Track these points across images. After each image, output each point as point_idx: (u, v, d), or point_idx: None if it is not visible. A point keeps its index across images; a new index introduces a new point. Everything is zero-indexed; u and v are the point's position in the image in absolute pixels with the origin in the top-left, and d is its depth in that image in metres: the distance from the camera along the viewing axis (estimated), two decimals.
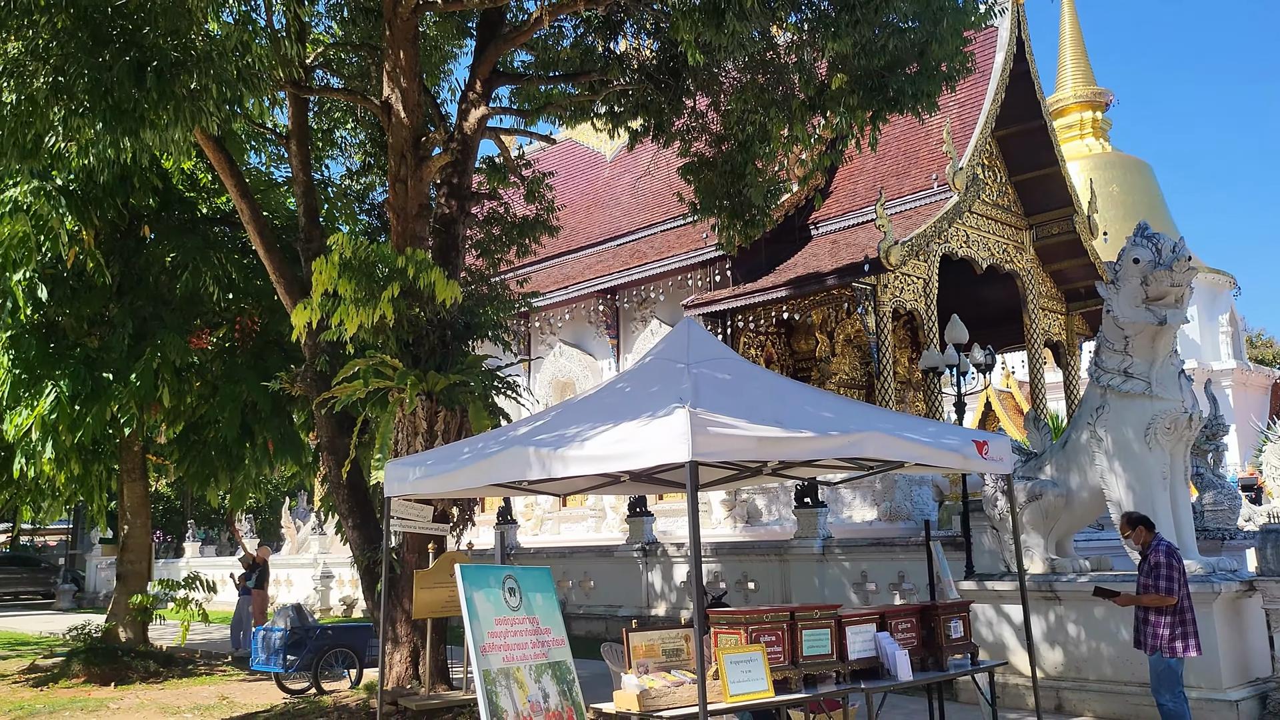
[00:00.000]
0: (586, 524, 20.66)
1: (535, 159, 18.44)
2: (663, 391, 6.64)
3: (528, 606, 5.83)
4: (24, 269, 13.32)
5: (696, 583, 5.69)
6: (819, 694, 6.34)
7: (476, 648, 5.36)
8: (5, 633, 22.71)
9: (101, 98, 7.73)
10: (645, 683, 5.72)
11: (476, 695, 9.28)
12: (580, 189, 26.13)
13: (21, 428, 13.54)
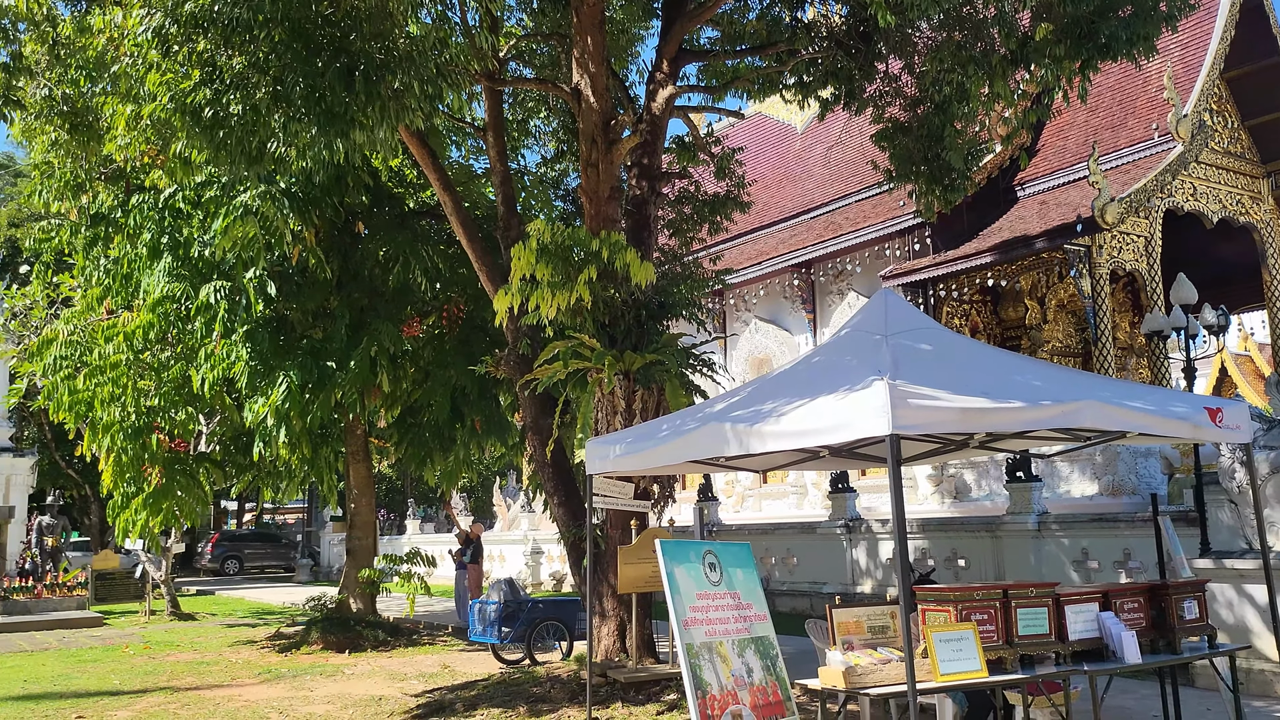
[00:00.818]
0: (788, 500, 20.52)
1: (724, 135, 18.36)
2: (860, 364, 6.47)
3: (728, 581, 5.82)
4: (255, 268, 14.36)
5: (902, 559, 5.53)
6: (1037, 675, 6.04)
7: (679, 622, 5.41)
8: (253, 602, 24.79)
9: (315, 103, 8.22)
10: (851, 659, 5.61)
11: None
12: (771, 163, 25.84)
13: (259, 414, 14.63)
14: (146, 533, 15.71)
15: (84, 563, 26.66)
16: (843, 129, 18.15)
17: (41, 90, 11.45)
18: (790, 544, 17.08)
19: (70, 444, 26.95)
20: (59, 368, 16.03)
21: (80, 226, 16.30)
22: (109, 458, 15.42)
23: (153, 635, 17.46)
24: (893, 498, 5.46)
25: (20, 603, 20.06)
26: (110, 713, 10.13)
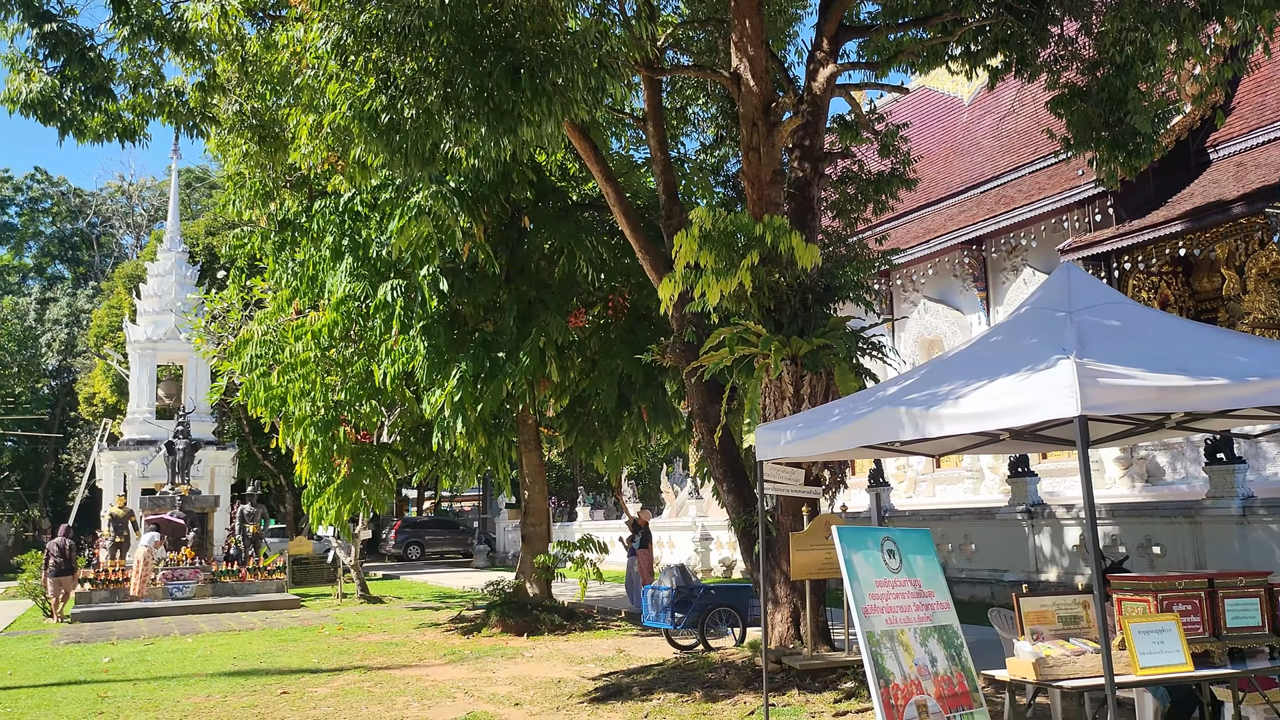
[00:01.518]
0: (963, 485, 19.89)
1: (887, 111, 17.87)
2: (1042, 343, 6.18)
3: (908, 569, 5.68)
4: (429, 265, 14.92)
5: (1094, 546, 5.26)
6: (1249, 670, 5.64)
7: (858, 609, 5.31)
8: (435, 587, 25.86)
9: (484, 102, 8.45)
10: (1041, 650, 5.38)
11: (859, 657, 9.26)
12: (937, 137, 25.03)
13: (436, 405, 15.20)
14: (338, 520, 16.62)
15: (281, 548, 28.41)
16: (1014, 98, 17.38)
17: (233, 106, 12.20)
18: (968, 530, 16.54)
19: (266, 437, 28.82)
20: (255, 366, 17.11)
21: (269, 232, 17.28)
22: (302, 449, 16.35)
23: (345, 617, 18.46)
24: (1083, 482, 5.20)
25: (227, 585, 21.58)
26: (311, 689, 10.75)
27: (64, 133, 10.78)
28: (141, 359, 29.60)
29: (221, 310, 25.21)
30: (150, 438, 28.04)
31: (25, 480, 43.83)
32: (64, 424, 45.05)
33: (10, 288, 53.59)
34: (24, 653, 14.69)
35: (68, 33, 10.30)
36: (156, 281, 30.63)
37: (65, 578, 20.07)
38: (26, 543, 39.93)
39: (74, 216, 57.03)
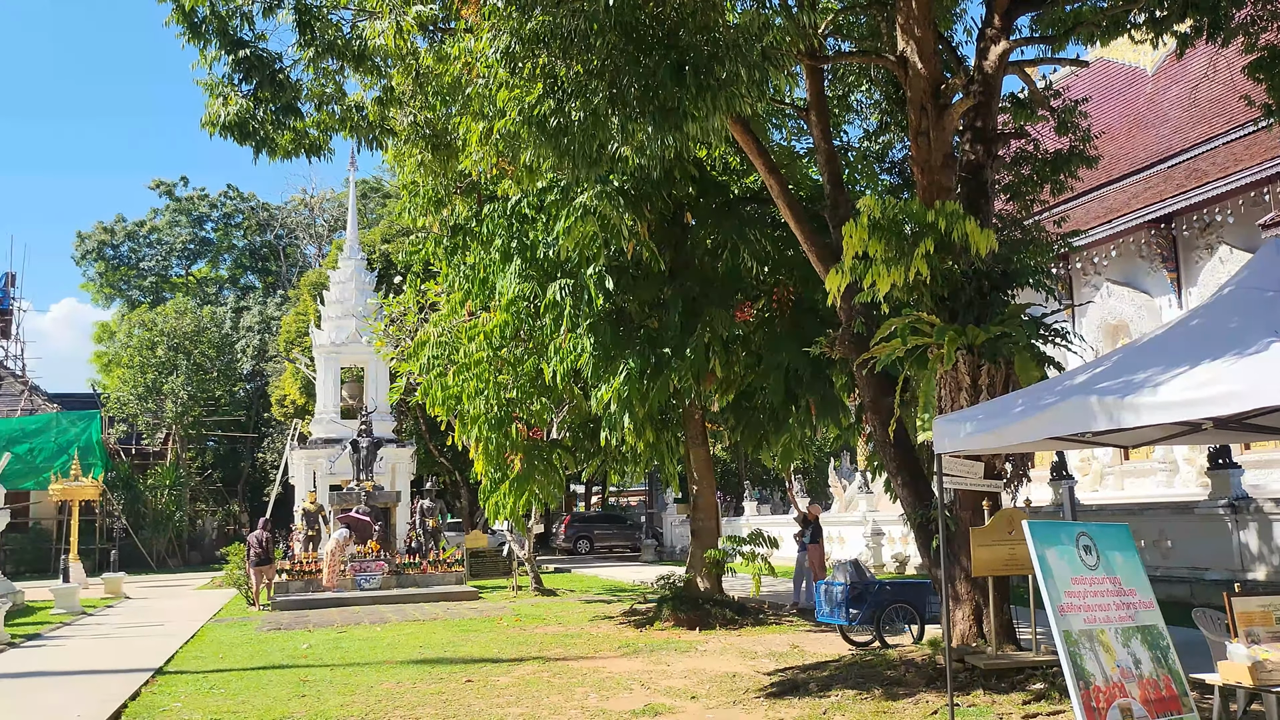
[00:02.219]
0: (1155, 478, 18.81)
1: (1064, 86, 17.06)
2: (1247, 325, 5.79)
3: (1106, 566, 5.41)
4: (595, 264, 15.16)
5: None
6: None
7: (1054, 607, 5.09)
8: (606, 580, 26.30)
9: (649, 101, 8.53)
10: (1258, 653, 5.03)
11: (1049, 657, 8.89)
12: (1118, 111, 23.72)
13: (603, 402, 15.45)
14: (513, 514, 17.12)
15: (458, 542, 29.46)
16: (1208, 64, 16.27)
17: (408, 117, 12.73)
18: (1163, 525, 15.63)
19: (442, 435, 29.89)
20: (431, 367, 17.81)
21: (442, 238, 17.93)
22: (478, 446, 16.91)
23: (521, 609, 19.00)
24: None
25: (410, 577, 22.56)
26: (493, 678, 11.11)
27: (258, 151, 11.49)
28: (326, 362, 31.23)
29: (398, 314, 26.37)
30: (336, 437, 29.55)
31: (226, 477, 46.99)
32: (258, 424, 48.02)
33: (209, 298, 57.50)
34: (232, 638, 15.76)
35: (259, 57, 10.97)
36: (338, 288, 32.25)
37: (264, 568, 21.41)
38: (229, 536, 42.83)
39: (262, 229, 60.70)
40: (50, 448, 36.17)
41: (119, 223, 59.21)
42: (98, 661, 13.52)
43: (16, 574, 30.96)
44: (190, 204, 59.95)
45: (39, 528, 38.41)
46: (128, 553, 35.30)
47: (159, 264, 59.43)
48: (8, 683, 11.97)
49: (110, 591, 25.29)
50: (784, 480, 33.11)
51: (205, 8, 10.76)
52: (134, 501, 39.21)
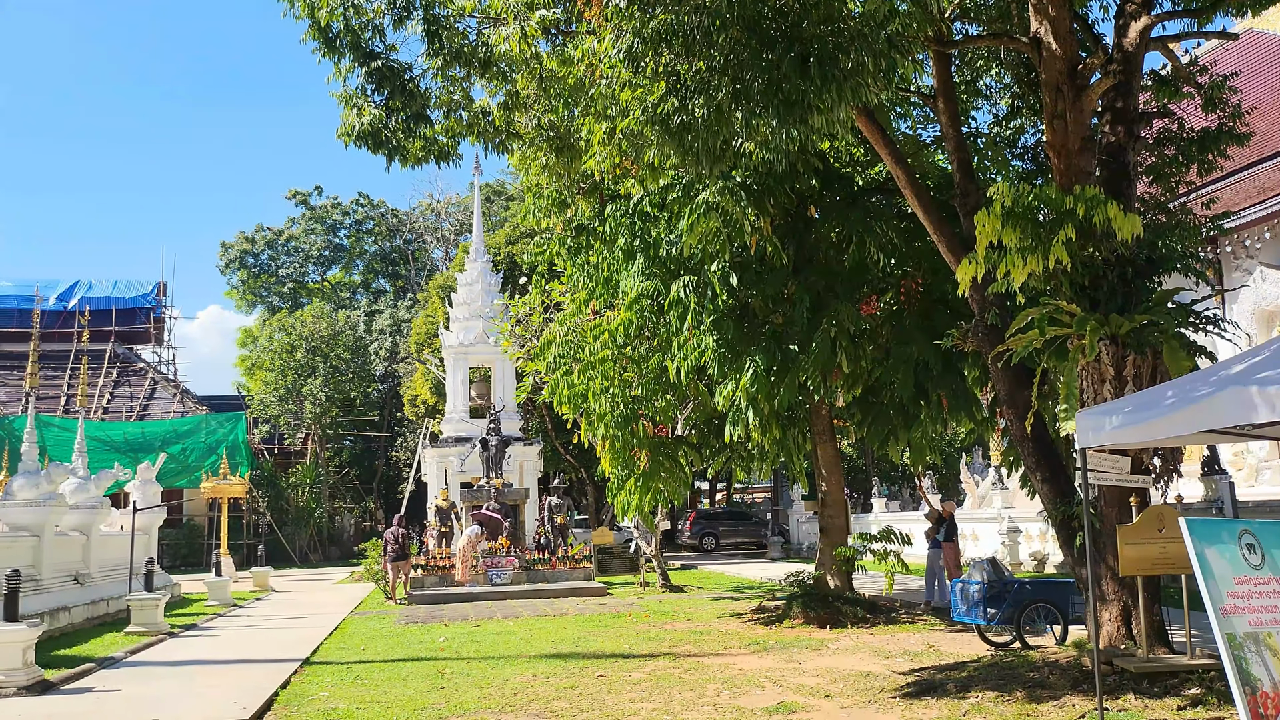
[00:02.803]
0: None
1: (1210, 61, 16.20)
2: None
3: (1273, 565, 5.11)
4: (718, 261, 15.13)
5: None
6: None
7: (1215, 609, 4.83)
8: (733, 577, 26.24)
9: (773, 95, 8.46)
10: None
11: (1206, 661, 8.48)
12: (1270, 85, 22.42)
13: (728, 398, 15.39)
14: (639, 511, 17.23)
15: (585, 538, 29.86)
16: None
17: (532, 121, 12.95)
18: None
19: (567, 433, 30.39)
20: (558, 365, 18.08)
21: (565, 238, 18.17)
22: (604, 444, 17.09)
23: (650, 605, 19.11)
24: None
25: (539, 572, 22.95)
26: (625, 673, 11.21)
27: (390, 159, 11.86)
28: (455, 362, 32.03)
29: (524, 314, 26.88)
30: (466, 435, 30.29)
31: (361, 475, 48.71)
32: (391, 424, 49.63)
33: (343, 302, 59.70)
34: (373, 630, 16.32)
35: (390, 68, 11.32)
36: (465, 290, 33.03)
37: (400, 563, 22.10)
38: (365, 531, 44.37)
39: (392, 235, 62.69)
40: (200, 448, 38.16)
41: (259, 232, 61.99)
42: (249, 651, 14.19)
43: (172, 567, 32.72)
44: (324, 212, 62.34)
45: (192, 523, 40.54)
46: (272, 547, 36.93)
47: (296, 270, 61.98)
48: (170, 669, 12.67)
49: (258, 585, 26.52)
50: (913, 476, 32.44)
51: (339, 22, 11.16)
52: (277, 499, 41.01)
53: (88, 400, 39.08)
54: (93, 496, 20.08)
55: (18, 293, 47.05)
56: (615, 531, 33.19)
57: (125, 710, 9.81)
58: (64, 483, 18.92)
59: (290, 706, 9.88)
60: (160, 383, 45.92)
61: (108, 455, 32.91)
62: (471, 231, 38.77)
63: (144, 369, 46.71)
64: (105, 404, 43.42)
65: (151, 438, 37.63)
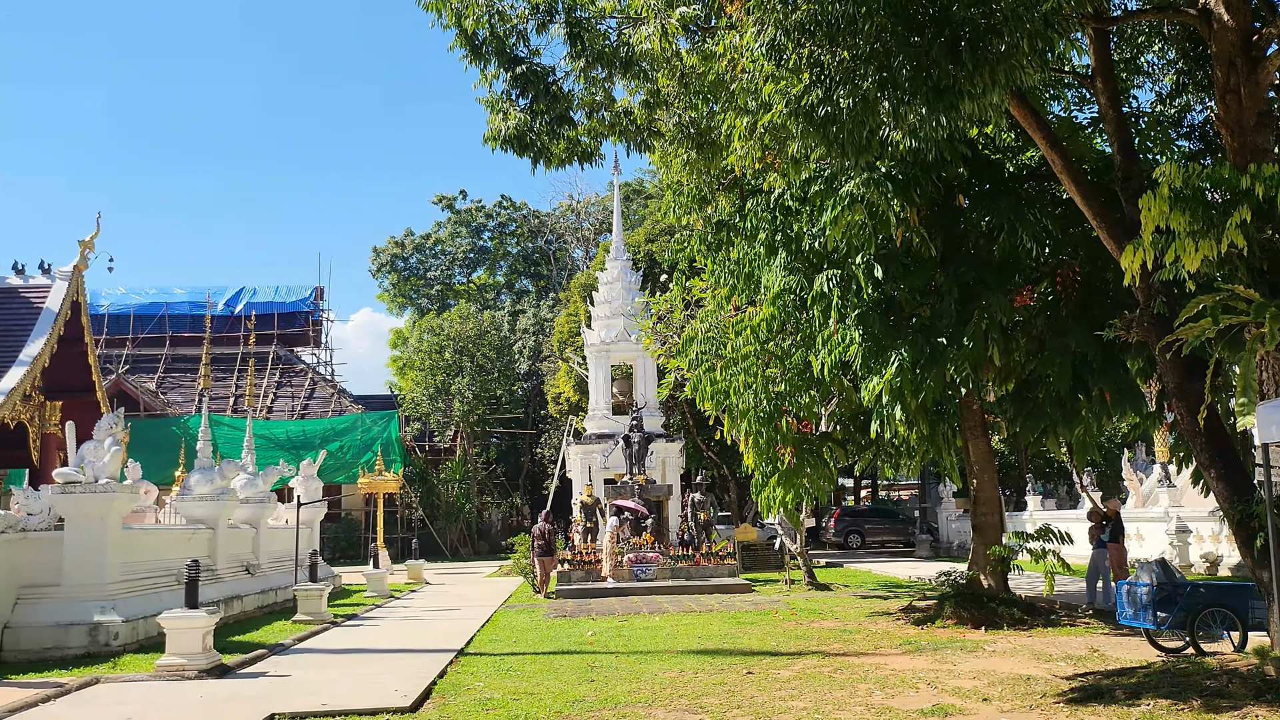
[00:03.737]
0: None
1: None
2: None
3: None
4: (862, 253, 14.85)
5: None
6: None
7: None
8: (880, 575, 25.75)
9: (922, 82, 8.25)
10: None
11: None
12: None
13: (874, 393, 15.09)
14: (784, 508, 17.08)
15: (728, 535, 29.78)
16: None
17: (673, 118, 13.00)
18: None
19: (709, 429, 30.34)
20: (700, 362, 18.08)
21: (706, 234, 18.14)
22: (747, 440, 17.00)
23: (796, 602, 18.94)
24: None
25: (684, 569, 23.02)
26: (773, 671, 11.13)
27: (535, 162, 12.11)
28: (597, 360, 32.44)
29: (665, 311, 27.02)
30: (609, 432, 30.64)
31: (508, 471, 49.94)
32: (536, 421, 50.67)
33: (488, 303, 61.29)
34: (522, 623, 16.70)
35: (535, 72, 11.55)
36: (606, 289, 33.41)
37: (547, 558, 22.52)
38: (512, 526, 45.48)
39: (534, 236, 64.01)
40: (356, 445, 39.83)
41: (408, 237, 64.24)
42: (407, 641, 14.72)
43: (332, 559, 34.25)
44: (469, 216, 64.13)
45: (349, 518, 42.35)
46: (424, 541, 38.21)
47: (443, 273, 63.96)
48: (334, 656, 13.26)
49: (412, 577, 27.50)
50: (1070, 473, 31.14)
51: (485, 30, 11.46)
52: (428, 494, 42.43)
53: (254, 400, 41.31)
54: (261, 491, 21.19)
55: (190, 299, 50.09)
56: (759, 528, 33.02)
57: (297, 694, 10.32)
58: (235, 478, 20.06)
59: (448, 695, 10.20)
60: (319, 383, 48.14)
61: (272, 452, 34.75)
62: (611, 230, 39.19)
63: (304, 370, 49.06)
64: (269, 403, 45.80)
65: (311, 435, 39.48)
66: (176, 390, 46.81)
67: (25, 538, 13.84)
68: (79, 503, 13.97)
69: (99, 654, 12.99)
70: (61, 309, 21.38)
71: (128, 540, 15.04)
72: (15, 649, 13.09)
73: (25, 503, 14.31)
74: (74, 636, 13.23)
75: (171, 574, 15.92)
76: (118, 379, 39.97)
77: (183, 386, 47.02)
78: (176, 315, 49.46)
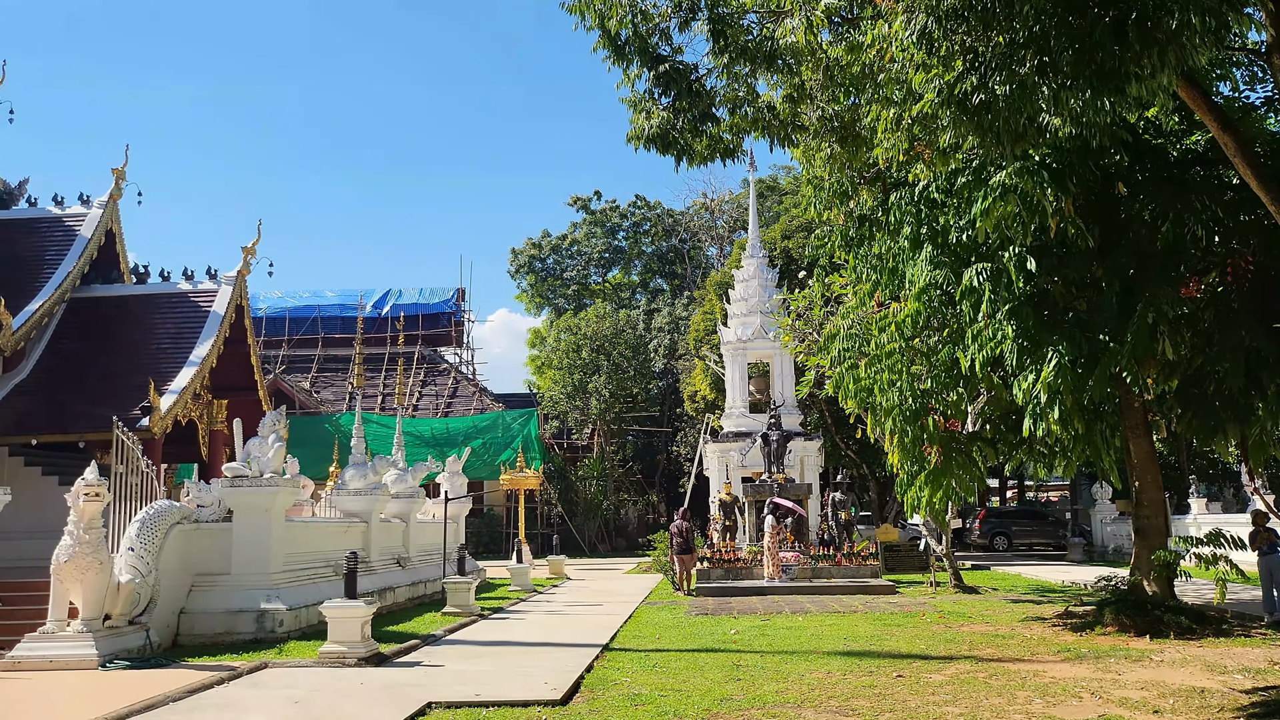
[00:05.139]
0: None
1: None
2: None
3: None
4: (1014, 246, 14.33)
5: None
6: None
7: None
8: (1030, 579, 24.84)
9: (1084, 65, 7.90)
10: None
11: None
12: None
13: (1028, 391, 14.54)
14: (930, 508, 16.64)
15: (869, 535, 29.26)
16: None
17: (816, 111, 12.81)
18: None
19: (849, 428, 29.91)
20: (842, 359, 17.78)
21: (847, 229, 17.83)
22: (891, 439, 16.63)
23: (942, 605, 18.44)
24: None
25: (825, 569, 22.72)
26: (924, 675, 10.86)
27: (678, 160, 12.12)
28: (733, 358, 32.34)
29: (803, 308, 26.70)
30: (746, 430, 30.50)
31: (644, 469, 50.29)
32: (671, 419, 50.85)
33: (623, 302, 61.84)
34: (664, 620, 16.77)
35: (677, 69, 11.57)
36: (742, 286, 33.26)
37: (687, 556, 22.56)
38: (648, 524, 45.76)
39: (668, 235, 64.25)
40: (498, 442, 40.79)
41: (544, 238, 65.38)
42: (552, 635, 14.98)
43: (476, 553, 35.09)
44: (603, 216, 64.82)
45: (491, 513, 43.41)
46: (564, 537, 38.82)
47: (579, 273, 64.85)
48: (484, 648, 13.60)
49: (554, 572, 27.98)
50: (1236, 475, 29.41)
51: (628, 30, 11.53)
52: (567, 491, 43.10)
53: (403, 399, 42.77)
54: (410, 487, 21.92)
55: (340, 301, 52.23)
56: (900, 529, 32.33)
57: (451, 683, 10.62)
58: (386, 474, 20.80)
59: (596, 690, 10.31)
60: (461, 382, 49.51)
61: (419, 449, 35.92)
62: (746, 228, 38.99)
63: (447, 369, 50.53)
64: (415, 401, 47.35)
65: (455, 433, 40.64)
66: (329, 389, 48.89)
67: (198, 528, 14.66)
68: (246, 496, 14.71)
69: (265, 640, 13.65)
70: (226, 312, 22.55)
71: (290, 532, 15.76)
72: (190, 633, 13.88)
73: (197, 495, 15.15)
74: (243, 622, 13.94)
75: (329, 564, 16.61)
76: (275, 378, 42.00)
77: (334, 385, 49.07)
78: (328, 317, 51.62)
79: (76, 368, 21.49)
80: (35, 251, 22.84)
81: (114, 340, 22.30)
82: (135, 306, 23.19)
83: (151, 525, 13.64)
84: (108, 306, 23.06)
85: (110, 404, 19.37)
